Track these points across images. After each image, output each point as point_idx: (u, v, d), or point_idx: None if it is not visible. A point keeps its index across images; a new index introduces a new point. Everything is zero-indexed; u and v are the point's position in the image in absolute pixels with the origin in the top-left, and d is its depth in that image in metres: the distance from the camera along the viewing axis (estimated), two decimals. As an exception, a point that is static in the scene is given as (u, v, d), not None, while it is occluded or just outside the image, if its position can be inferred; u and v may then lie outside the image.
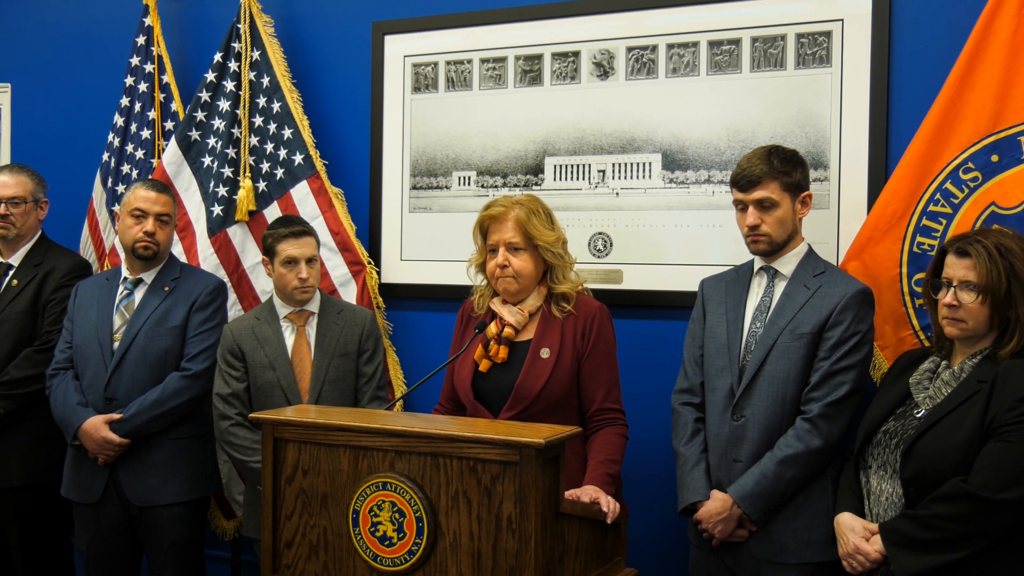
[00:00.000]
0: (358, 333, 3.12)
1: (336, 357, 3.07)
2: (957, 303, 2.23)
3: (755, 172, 2.55)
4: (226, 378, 3.06)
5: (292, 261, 3.04)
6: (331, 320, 3.12)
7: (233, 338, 3.08)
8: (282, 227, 3.10)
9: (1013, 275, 2.18)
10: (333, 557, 2.24)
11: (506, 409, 2.60)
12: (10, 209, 3.48)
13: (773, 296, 2.62)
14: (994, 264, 2.19)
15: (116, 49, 4.01)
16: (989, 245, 2.22)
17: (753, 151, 2.63)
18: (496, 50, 3.41)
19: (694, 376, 2.70)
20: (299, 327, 3.10)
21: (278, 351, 3.06)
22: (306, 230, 3.10)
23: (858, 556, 2.24)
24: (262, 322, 3.10)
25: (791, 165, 2.59)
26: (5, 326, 3.40)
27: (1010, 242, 2.23)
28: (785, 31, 3.02)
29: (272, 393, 3.02)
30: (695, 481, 2.61)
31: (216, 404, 3.07)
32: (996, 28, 2.64)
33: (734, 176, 2.61)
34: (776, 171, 2.55)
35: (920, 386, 2.32)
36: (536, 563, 2.02)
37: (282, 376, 3.03)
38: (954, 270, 2.25)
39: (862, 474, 2.37)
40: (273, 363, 3.04)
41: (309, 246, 3.07)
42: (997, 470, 2.07)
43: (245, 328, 3.11)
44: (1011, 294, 2.18)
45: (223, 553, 3.76)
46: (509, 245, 2.65)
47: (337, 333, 3.10)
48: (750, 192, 2.56)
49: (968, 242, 2.25)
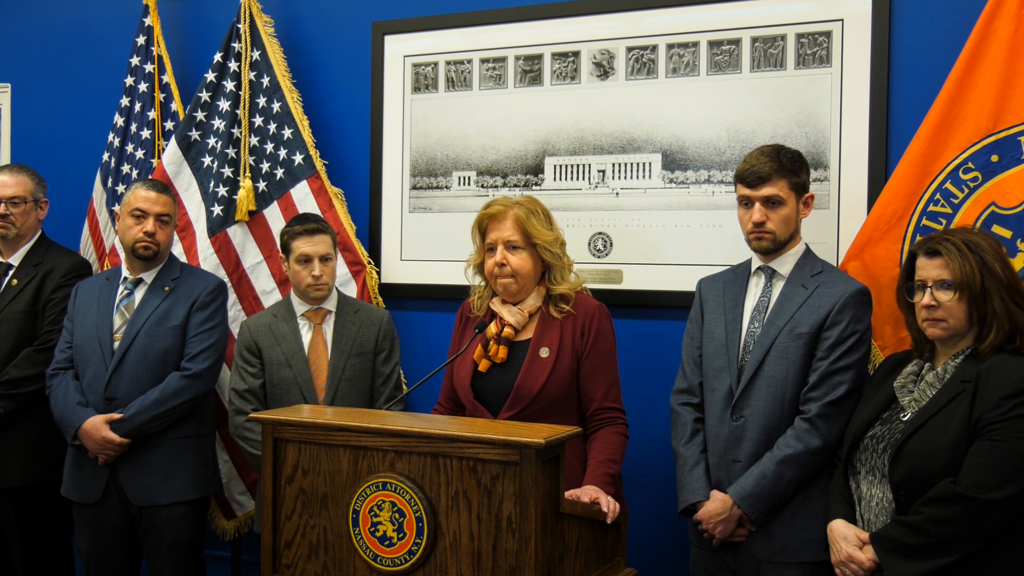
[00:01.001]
0: (375, 332, 3.13)
1: (353, 356, 3.08)
2: (935, 303, 2.23)
3: (764, 169, 2.54)
4: (242, 374, 3.07)
5: (306, 258, 3.05)
6: (348, 319, 3.12)
7: (250, 334, 3.10)
8: (297, 224, 3.12)
9: (985, 268, 2.20)
10: (333, 557, 2.24)
11: (505, 409, 2.60)
12: (10, 209, 3.48)
13: (771, 296, 2.62)
14: (966, 260, 2.20)
15: (116, 49, 4.01)
16: (958, 242, 2.23)
17: (759, 149, 2.62)
18: (496, 50, 3.41)
19: (693, 376, 2.70)
20: (316, 325, 3.11)
21: (295, 348, 3.06)
22: (321, 228, 3.11)
23: (851, 565, 2.23)
24: (279, 319, 3.11)
25: (799, 165, 2.59)
26: (5, 326, 3.40)
27: (976, 238, 2.25)
28: (785, 31, 3.02)
29: (288, 390, 3.03)
30: (695, 481, 2.61)
31: (232, 399, 3.08)
32: (996, 28, 2.64)
33: (741, 172, 2.60)
34: (785, 169, 2.56)
35: (905, 389, 2.32)
36: (536, 563, 2.02)
37: (298, 374, 3.03)
38: (927, 271, 2.26)
39: (852, 480, 2.36)
40: (289, 360, 3.05)
41: (324, 244, 3.08)
42: (986, 469, 2.07)
43: (263, 325, 3.12)
44: (985, 288, 2.19)
45: (223, 553, 3.76)
46: (508, 243, 2.65)
47: (354, 332, 3.10)
48: (758, 189, 2.56)
49: (936, 242, 2.26)
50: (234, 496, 3.63)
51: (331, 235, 3.14)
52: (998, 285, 2.19)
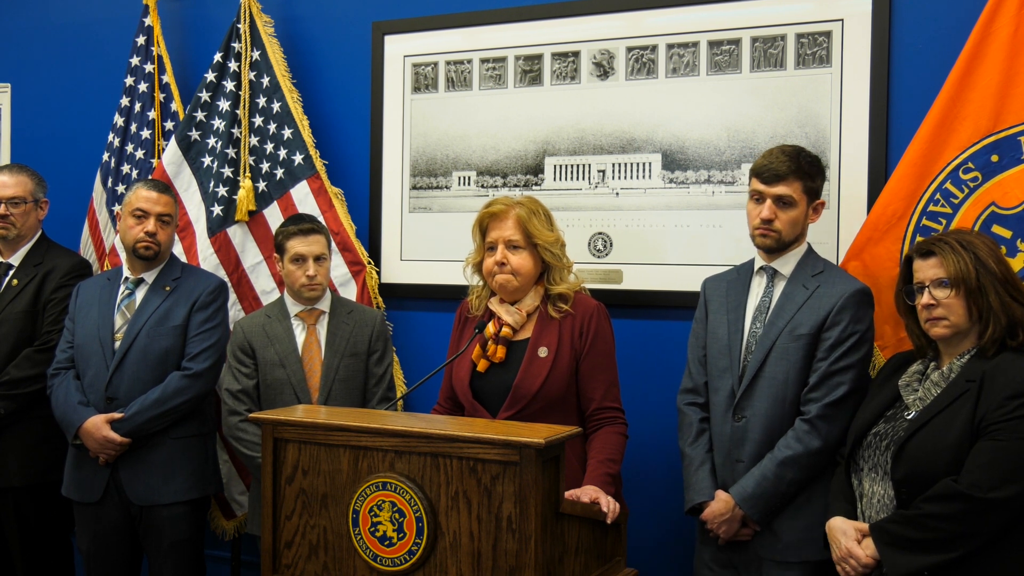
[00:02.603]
0: (368, 333, 3.13)
1: (346, 356, 3.08)
2: (934, 302, 2.24)
3: (782, 168, 2.55)
4: (236, 374, 3.08)
5: (300, 258, 3.06)
6: (342, 320, 3.13)
7: (244, 334, 3.10)
8: (292, 225, 3.13)
9: (979, 264, 2.22)
10: (333, 557, 2.24)
11: (504, 409, 2.60)
12: (10, 209, 3.49)
13: (773, 296, 2.62)
14: (959, 256, 2.22)
15: (116, 49, 4.01)
16: (951, 241, 2.26)
17: (779, 147, 2.62)
18: (496, 50, 3.41)
19: (698, 376, 2.70)
20: (310, 326, 3.11)
21: (288, 349, 3.07)
22: (315, 228, 3.11)
23: (850, 560, 2.24)
24: (273, 320, 3.12)
25: (816, 170, 2.61)
26: (5, 326, 3.40)
27: (970, 236, 2.29)
28: (785, 31, 3.02)
29: (282, 391, 3.04)
30: (700, 481, 2.61)
31: (225, 400, 3.08)
32: (996, 28, 2.64)
33: (758, 167, 2.60)
34: (802, 172, 2.56)
35: (910, 388, 2.33)
36: (536, 563, 2.02)
37: (292, 374, 3.04)
38: (923, 272, 2.28)
39: (854, 477, 2.36)
40: (283, 361, 3.05)
41: (318, 244, 3.08)
42: (988, 469, 2.07)
43: (256, 325, 3.12)
44: (981, 283, 2.21)
45: (223, 553, 3.76)
46: (508, 243, 2.65)
47: (348, 333, 3.10)
48: (773, 186, 2.56)
49: (930, 243, 2.30)
50: (234, 496, 3.63)
51: (325, 235, 3.15)
52: (993, 280, 2.21)
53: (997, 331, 2.20)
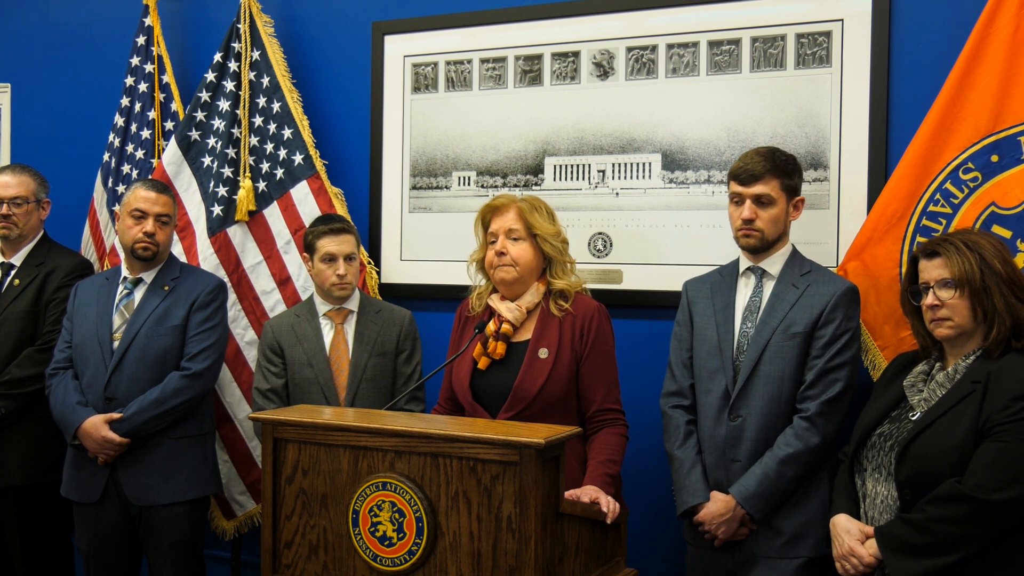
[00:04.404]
0: (396, 332, 3.13)
1: (374, 356, 3.08)
2: (938, 302, 2.24)
3: (758, 168, 2.58)
4: (265, 374, 3.09)
5: (331, 258, 3.06)
6: (370, 319, 3.13)
7: (273, 334, 3.11)
8: (322, 224, 3.13)
9: (984, 265, 2.22)
10: (333, 557, 2.24)
11: (504, 409, 2.60)
12: (12, 209, 3.49)
13: (763, 296, 2.64)
14: (964, 257, 2.22)
15: (116, 49, 4.01)
16: (956, 241, 2.27)
17: (754, 148, 2.66)
18: (496, 50, 3.41)
19: (683, 379, 2.71)
20: (338, 325, 3.12)
21: (316, 348, 3.07)
22: (345, 227, 3.12)
23: (852, 559, 2.24)
24: (301, 319, 3.12)
25: (792, 168, 2.64)
26: (6, 326, 3.40)
27: (976, 237, 2.29)
28: (785, 31, 3.02)
29: (309, 390, 3.04)
30: (693, 484, 2.61)
31: (255, 399, 3.10)
32: (996, 28, 2.64)
33: (734, 170, 2.63)
34: (778, 170, 2.59)
35: (914, 388, 2.33)
36: (536, 563, 2.02)
37: (320, 373, 3.04)
38: (928, 272, 2.29)
39: (857, 477, 2.37)
40: (311, 360, 3.05)
41: (348, 243, 3.09)
42: (992, 470, 2.07)
43: (285, 325, 3.13)
44: (985, 283, 2.21)
45: (223, 553, 3.76)
46: (509, 233, 2.66)
47: (376, 332, 3.11)
48: (750, 186, 2.59)
49: (935, 243, 2.30)
50: (234, 496, 3.62)
51: (355, 234, 3.16)
52: (998, 281, 2.21)
53: (1002, 332, 2.20)
